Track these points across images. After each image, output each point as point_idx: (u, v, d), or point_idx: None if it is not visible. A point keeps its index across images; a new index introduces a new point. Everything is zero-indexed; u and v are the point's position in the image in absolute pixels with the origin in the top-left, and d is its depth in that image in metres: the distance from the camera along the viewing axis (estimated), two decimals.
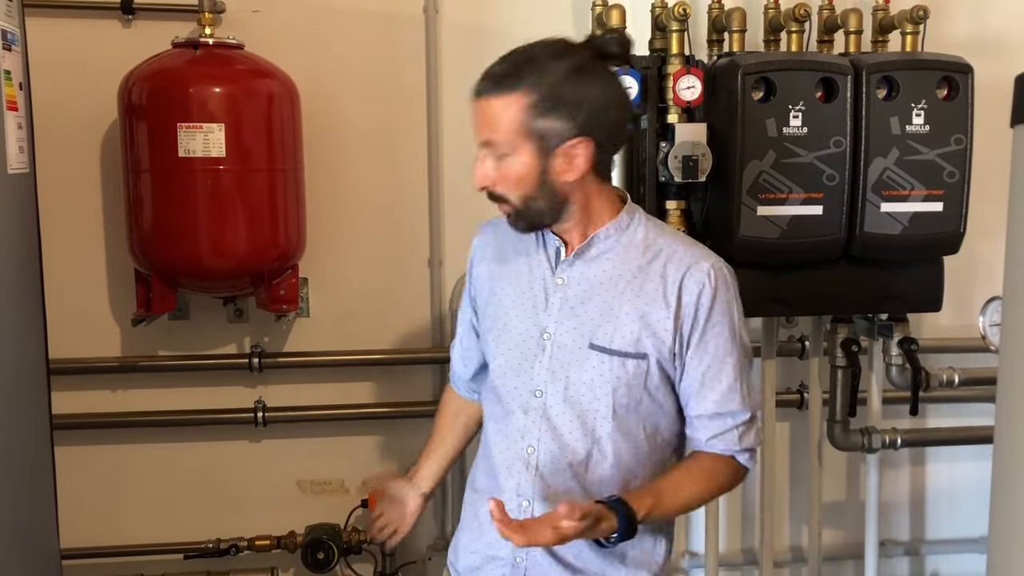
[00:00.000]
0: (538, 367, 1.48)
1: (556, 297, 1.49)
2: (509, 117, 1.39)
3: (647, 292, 1.46)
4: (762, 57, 2.16)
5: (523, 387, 1.50)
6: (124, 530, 2.58)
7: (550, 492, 1.47)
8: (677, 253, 1.48)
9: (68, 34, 2.39)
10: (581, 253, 1.49)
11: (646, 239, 1.49)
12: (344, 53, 2.51)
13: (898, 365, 2.37)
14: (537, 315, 1.50)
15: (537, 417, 1.48)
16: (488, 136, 1.42)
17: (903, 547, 2.87)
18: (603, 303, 1.47)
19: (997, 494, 1.17)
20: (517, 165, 1.42)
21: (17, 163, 1.71)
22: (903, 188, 2.12)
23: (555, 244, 1.51)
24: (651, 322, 1.45)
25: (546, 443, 1.47)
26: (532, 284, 1.52)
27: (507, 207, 1.45)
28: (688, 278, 1.45)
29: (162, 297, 2.33)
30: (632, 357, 1.45)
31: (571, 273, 1.49)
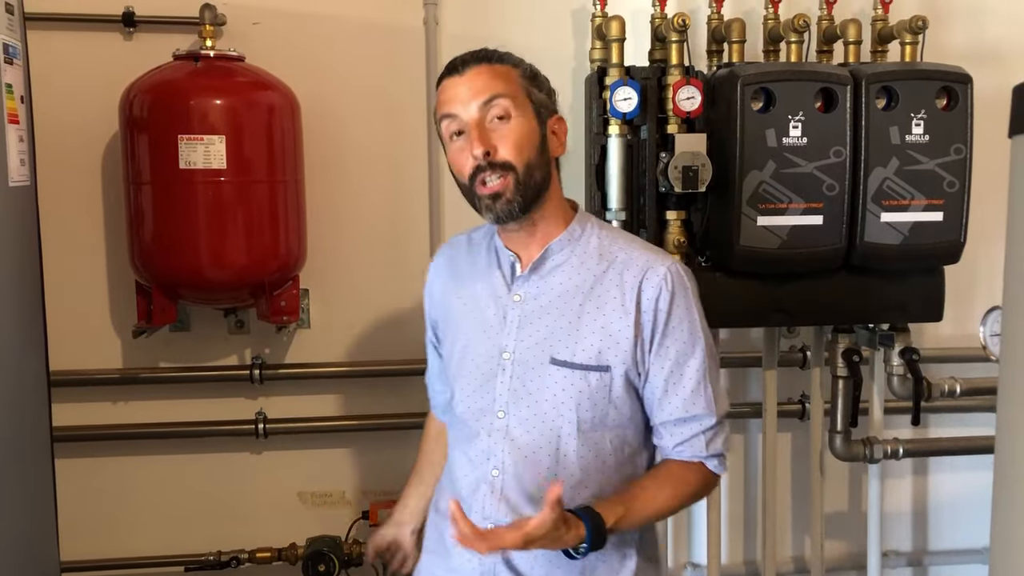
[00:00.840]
0: (499, 387, 1.46)
1: (513, 314, 1.47)
2: (511, 80, 1.44)
3: (606, 302, 1.44)
4: (761, 68, 2.16)
5: (485, 408, 1.47)
6: (125, 542, 2.57)
7: (517, 514, 1.43)
8: (632, 258, 1.46)
9: (70, 47, 2.40)
10: (537, 267, 1.48)
11: (600, 247, 1.49)
12: (345, 65, 2.52)
13: (899, 375, 2.37)
14: (495, 335, 1.48)
15: (500, 438, 1.45)
16: (493, 92, 1.40)
17: (905, 558, 2.86)
18: (562, 317, 1.45)
19: (998, 504, 1.17)
20: (522, 126, 1.41)
21: (18, 176, 1.71)
22: (903, 198, 2.12)
23: (510, 259, 1.50)
24: (612, 332, 1.43)
25: (511, 464, 1.45)
26: (489, 304, 1.51)
27: (506, 181, 1.40)
28: (645, 282, 1.44)
29: (163, 309, 2.33)
30: (594, 370, 1.43)
31: (527, 289, 1.48)
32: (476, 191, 1.42)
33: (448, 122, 1.44)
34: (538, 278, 1.48)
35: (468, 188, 1.43)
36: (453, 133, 1.43)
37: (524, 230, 1.47)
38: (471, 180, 1.41)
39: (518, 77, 1.45)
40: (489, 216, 1.43)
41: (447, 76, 1.45)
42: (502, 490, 1.45)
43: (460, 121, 1.42)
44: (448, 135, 1.45)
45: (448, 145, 1.46)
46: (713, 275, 2.21)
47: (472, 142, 1.40)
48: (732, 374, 2.67)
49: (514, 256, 1.50)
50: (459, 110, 1.41)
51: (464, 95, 1.41)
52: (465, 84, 1.42)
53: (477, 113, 1.40)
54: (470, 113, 1.41)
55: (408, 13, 2.51)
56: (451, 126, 1.43)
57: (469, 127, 1.41)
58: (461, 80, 1.42)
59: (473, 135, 1.40)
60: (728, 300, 2.21)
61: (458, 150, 1.43)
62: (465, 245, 1.61)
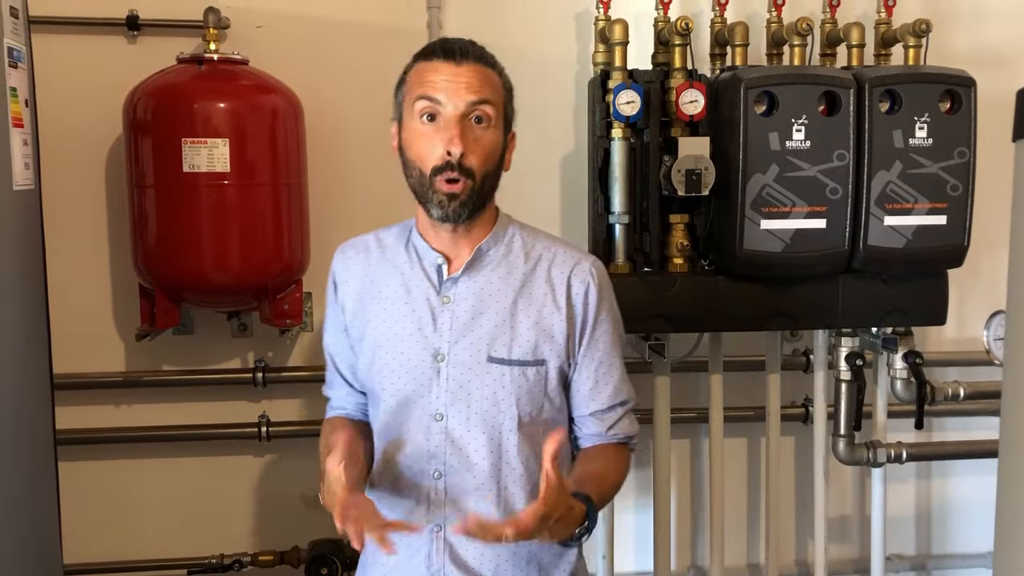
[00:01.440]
0: (436, 390, 1.46)
1: (445, 317, 1.47)
2: (498, 90, 1.46)
3: (537, 299, 1.48)
4: (765, 71, 2.16)
5: (422, 413, 1.47)
6: (127, 545, 2.58)
7: (462, 513, 1.44)
8: (557, 256, 1.52)
9: (74, 50, 2.40)
10: (469, 268, 1.48)
11: (524, 246, 1.52)
12: (348, 68, 2.52)
13: (903, 379, 2.37)
14: (426, 337, 1.47)
15: (441, 440, 1.46)
16: (482, 97, 1.41)
17: (909, 562, 2.85)
18: (496, 315, 1.47)
19: (1002, 508, 1.16)
20: (494, 138, 1.44)
21: (23, 179, 1.72)
22: (906, 201, 2.12)
23: (436, 261, 1.49)
24: (546, 327, 1.47)
25: (453, 465, 1.46)
26: (414, 306, 1.49)
27: (465, 185, 1.41)
28: (574, 278, 1.50)
29: (166, 312, 2.33)
30: (531, 365, 1.46)
31: (457, 290, 1.48)
32: (435, 185, 1.41)
33: (424, 103, 1.41)
34: (467, 279, 1.48)
35: (425, 178, 1.42)
36: (425, 115, 1.41)
37: (458, 231, 1.47)
38: (432, 173, 1.41)
39: (502, 88, 1.46)
40: (437, 212, 1.42)
41: (440, 58, 1.42)
42: (446, 490, 1.47)
43: (440, 108, 1.40)
44: (418, 114, 1.42)
45: (411, 122, 1.43)
46: (716, 279, 2.21)
47: (451, 138, 1.38)
48: (735, 378, 2.67)
49: (441, 257, 1.49)
50: (444, 98, 1.40)
51: (456, 87, 1.40)
52: (462, 76, 1.40)
53: (464, 109, 1.40)
54: (456, 107, 1.39)
55: (411, 17, 2.51)
56: (426, 108, 1.41)
57: (449, 120, 1.39)
58: (458, 71, 1.41)
59: (454, 132, 1.39)
60: (731, 304, 2.21)
61: (425, 135, 1.41)
62: (375, 247, 1.57)
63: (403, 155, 1.47)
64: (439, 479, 1.47)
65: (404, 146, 1.46)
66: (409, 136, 1.45)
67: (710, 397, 2.46)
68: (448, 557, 1.47)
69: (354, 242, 1.60)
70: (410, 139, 1.44)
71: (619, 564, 2.52)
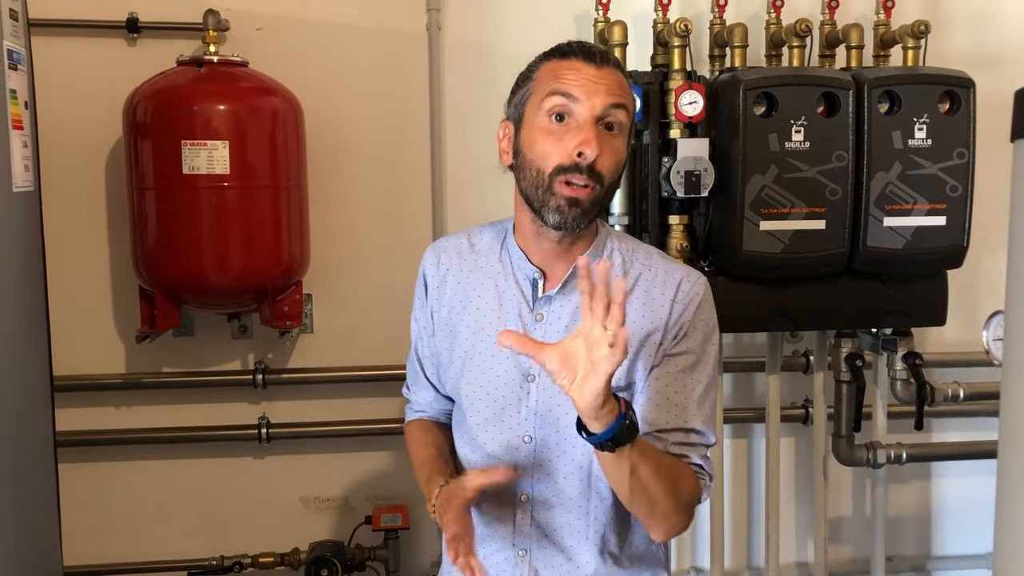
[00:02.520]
0: (524, 411, 1.39)
1: (537, 335, 1.38)
2: (632, 100, 1.37)
3: (633, 320, 1.36)
4: (764, 72, 2.17)
5: (508, 432, 1.41)
6: (128, 547, 2.58)
7: (550, 541, 1.41)
8: (657, 274, 1.42)
9: (74, 53, 2.41)
10: (566, 286, 1.39)
11: (624, 263, 1.43)
12: (348, 70, 2.52)
13: (903, 380, 2.37)
14: (517, 355, 1.37)
15: (529, 464, 1.40)
16: (621, 101, 1.32)
17: (910, 563, 2.85)
18: None
19: (1002, 509, 1.16)
20: (622, 147, 1.35)
21: (22, 181, 1.72)
22: (906, 202, 2.12)
23: (531, 275, 1.41)
24: (640, 351, 1.38)
25: (540, 489, 1.40)
26: (506, 321, 1.41)
27: (590, 191, 1.31)
28: (676, 300, 1.39)
29: (166, 314, 2.33)
30: (623, 389, 1.38)
31: (551, 308, 1.40)
32: (554, 186, 1.31)
33: (559, 99, 1.31)
34: (563, 297, 1.40)
35: (545, 178, 1.31)
36: (556, 113, 1.32)
37: (563, 244, 1.38)
38: (556, 172, 1.31)
39: (632, 99, 1.38)
40: (554, 219, 1.32)
41: (578, 58, 1.33)
42: (533, 515, 1.41)
43: (574, 107, 1.31)
44: (548, 111, 1.32)
45: (536, 119, 1.33)
46: (716, 280, 2.21)
47: (587, 139, 1.28)
48: (735, 379, 2.67)
49: (537, 272, 1.40)
50: (582, 96, 1.30)
51: (598, 87, 1.31)
52: (602, 78, 1.31)
53: (600, 111, 1.31)
54: (593, 107, 1.30)
55: (411, 19, 2.51)
56: (559, 106, 1.31)
57: (584, 122, 1.30)
58: (598, 73, 1.31)
59: (590, 133, 1.29)
60: (731, 305, 2.20)
61: (553, 133, 1.31)
62: (468, 252, 1.49)
63: (519, 155, 1.36)
64: (526, 502, 1.41)
65: (523, 146, 1.35)
66: (531, 134, 1.34)
67: None
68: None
69: (446, 244, 1.51)
70: (532, 137, 1.33)
71: None
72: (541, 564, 1.42)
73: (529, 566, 1.42)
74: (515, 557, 1.43)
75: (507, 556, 1.43)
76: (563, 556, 1.41)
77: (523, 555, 1.42)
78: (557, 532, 1.41)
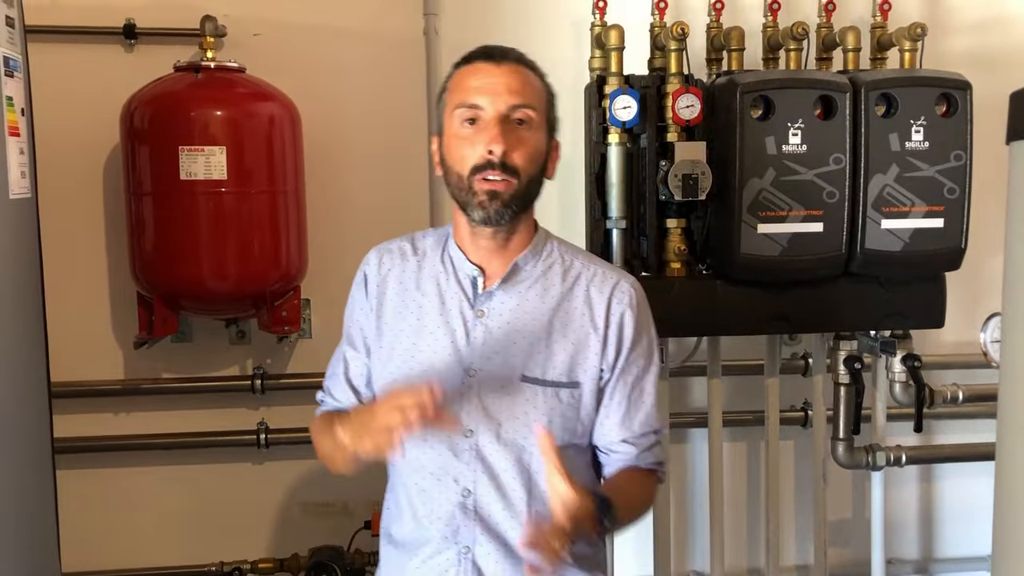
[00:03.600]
0: (466, 406, 1.42)
1: (478, 331, 1.43)
2: (540, 93, 1.43)
3: (574, 319, 1.44)
4: (761, 75, 2.17)
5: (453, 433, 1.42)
6: (126, 553, 2.57)
7: (494, 534, 1.42)
8: (596, 275, 1.48)
9: (71, 59, 2.41)
10: (506, 282, 1.44)
11: (563, 263, 1.48)
12: (345, 75, 2.52)
13: (902, 382, 2.36)
14: (458, 351, 1.43)
15: (471, 458, 1.42)
16: (523, 101, 1.38)
17: (911, 565, 2.85)
18: (531, 333, 1.43)
19: (1000, 510, 1.16)
20: (538, 141, 1.40)
21: (19, 188, 1.72)
22: (903, 205, 2.12)
23: (471, 273, 1.45)
24: (582, 348, 1.44)
25: (483, 485, 1.42)
26: (448, 318, 1.45)
27: (509, 184, 1.37)
28: (614, 300, 1.46)
29: (164, 320, 2.33)
30: (566, 387, 1.43)
31: (492, 304, 1.44)
32: (474, 185, 1.37)
33: (465, 110, 1.38)
34: (503, 293, 1.44)
35: (464, 180, 1.38)
36: (467, 120, 1.38)
37: (497, 241, 1.43)
38: (472, 172, 1.37)
39: (544, 92, 1.44)
40: (478, 214, 1.38)
41: (480, 60, 1.40)
42: (476, 510, 1.43)
43: (481, 112, 1.37)
44: (460, 121, 1.39)
45: (451, 128, 1.40)
46: (714, 283, 2.21)
47: (493, 137, 1.35)
48: (734, 382, 2.67)
49: (476, 270, 1.45)
50: (486, 102, 1.36)
51: (498, 87, 1.37)
52: (502, 77, 1.38)
53: (505, 110, 1.36)
54: (497, 107, 1.36)
55: (408, 23, 2.51)
56: (467, 113, 1.38)
57: (490, 121, 1.36)
58: (498, 71, 1.38)
59: (495, 131, 1.35)
60: (729, 308, 2.21)
61: (465, 138, 1.38)
62: (411, 252, 1.52)
63: (444, 164, 1.43)
64: (468, 497, 1.42)
65: (445, 154, 1.42)
66: (449, 142, 1.41)
67: (709, 401, 2.46)
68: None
69: (390, 247, 1.55)
70: (450, 144, 1.41)
71: (619, 569, 2.51)
72: (483, 561, 1.43)
73: (472, 563, 1.43)
74: (457, 555, 1.43)
75: (449, 556, 1.44)
76: (505, 550, 1.43)
77: (466, 552, 1.43)
78: (499, 527, 1.43)
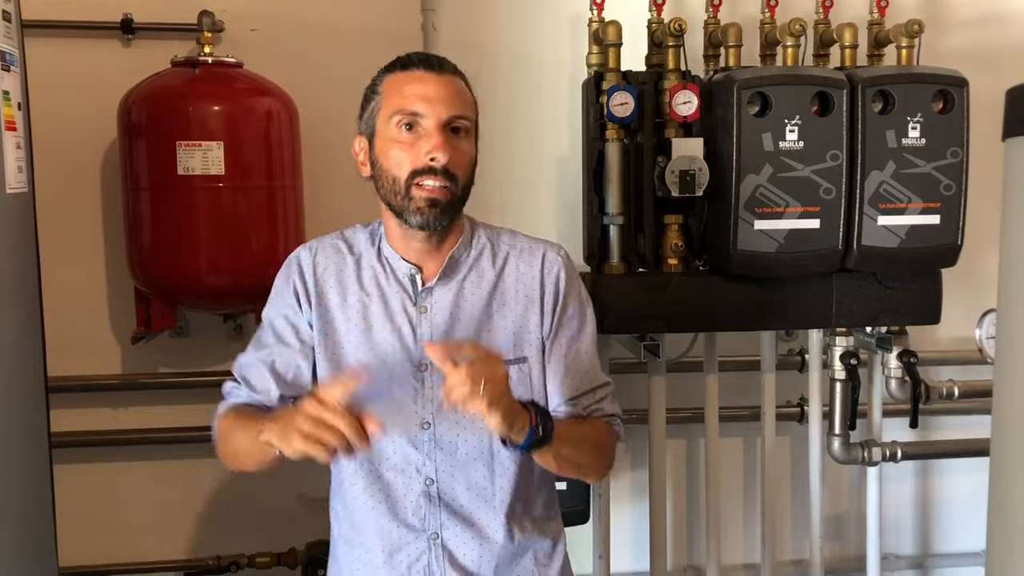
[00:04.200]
0: (420, 400, 1.44)
1: (423, 326, 1.46)
2: (473, 105, 1.45)
3: (509, 296, 1.49)
4: (758, 72, 2.17)
5: (407, 423, 1.45)
6: (124, 547, 2.58)
7: (461, 518, 1.46)
8: (523, 251, 1.52)
9: (68, 54, 2.41)
10: (444, 276, 1.47)
11: (492, 247, 1.52)
12: (343, 70, 2.51)
13: (898, 378, 2.37)
14: (407, 348, 1.45)
15: (431, 448, 1.45)
16: (462, 112, 1.41)
17: (907, 561, 2.86)
18: (473, 319, 1.47)
19: (994, 505, 1.17)
20: (471, 149, 1.44)
21: (16, 183, 1.72)
22: (900, 201, 2.13)
23: (409, 271, 1.47)
24: (522, 323, 1.48)
25: (445, 470, 1.45)
26: (392, 316, 1.47)
27: (447, 191, 1.39)
28: (544, 271, 1.50)
29: (162, 315, 2.33)
30: (513, 363, 1.46)
31: (432, 299, 1.47)
32: (411, 191, 1.38)
33: (403, 116, 1.39)
34: (441, 288, 1.47)
35: (400, 184, 1.39)
36: (404, 124, 1.39)
37: (431, 243, 1.45)
38: (411, 176, 1.38)
39: (475, 104, 1.46)
40: (415, 220, 1.39)
41: (420, 68, 1.41)
42: (440, 497, 1.46)
43: (419, 118, 1.38)
44: (398, 125, 1.39)
45: (386, 131, 1.41)
46: (711, 279, 2.22)
47: (437, 145, 1.36)
48: (731, 378, 2.67)
49: (414, 268, 1.47)
50: (427, 109, 1.38)
51: (440, 95, 1.39)
52: (443, 87, 1.40)
53: (446, 118, 1.39)
54: (439, 115, 1.38)
55: (406, 19, 2.51)
56: (405, 118, 1.39)
57: (432, 128, 1.38)
58: (440, 80, 1.40)
59: (438, 139, 1.37)
60: (726, 304, 2.22)
61: (404, 142, 1.39)
62: (347, 250, 1.53)
63: (375, 166, 1.44)
64: (431, 486, 1.46)
65: (378, 156, 1.43)
66: (384, 144, 1.41)
67: (706, 397, 2.47)
68: (448, 562, 1.47)
69: (322, 244, 1.55)
70: (385, 147, 1.41)
71: (615, 564, 2.52)
72: (453, 544, 1.47)
73: (442, 548, 1.47)
74: (427, 541, 1.46)
75: (419, 546, 1.47)
76: (473, 531, 1.47)
77: (435, 538, 1.47)
78: (465, 508, 1.47)
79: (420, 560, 1.47)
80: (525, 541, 1.51)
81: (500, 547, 1.48)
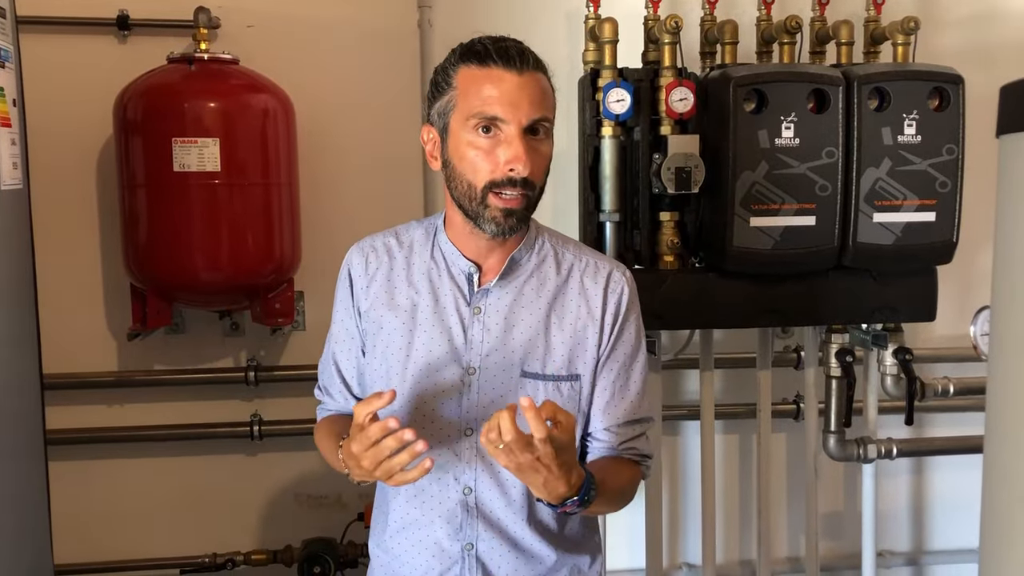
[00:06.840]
0: (466, 404, 1.39)
1: (475, 328, 1.40)
2: (551, 101, 1.36)
3: (571, 311, 1.42)
4: (754, 69, 2.17)
5: (450, 428, 1.40)
6: (120, 545, 2.58)
7: (498, 530, 1.42)
8: (588, 265, 1.46)
9: (64, 50, 2.40)
10: (503, 278, 1.41)
11: (556, 255, 1.46)
12: (339, 67, 2.52)
13: (893, 375, 2.38)
14: (456, 350, 1.40)
15: (472, 456, 1.40)
16: (543, 114, 1.32)
17: (902, 557, 2.87)
18: (529, 328, 1.41)
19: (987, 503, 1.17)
20: (549, 150, 1.36)
21: (11, 179, 1.72)
22: (895, 198, 2.13)
23: (467, 269, 1.41)
24: (580, 340, 1.42)
25: (484, 481, 1.41)
26: (443, 316, 1.41)
27: (523, 199, 1.32)
28: (609, 290, 1.44)
29: (158, 312, 2.33)
30: (566, 380, 1.41)
31: (489, 301, 1.41)
32: (488, 200, 1.32)
33: (480, 120, 1.30)
34: (499, 289, 1.41)
35: (476, 192, 1.32)
36: (482, 127, 1.31)
37: (496, 240, 1.39)
38: (488, 187, 1.31)
39: (553, 98, 1.37)
40: (491, 228, 1.33)
41: (500, 66, 1.30)
42: (477, 507, 1.42)
43: (501, 123, 1.30)
44: (475, 128, 1.31)
45: (462, 132, 1.32)
46: (706, 276, 2.22)
47: (517, 155, 1.29)
48: (726, 375, 2.68)
49: (473, 266, 1.41)
50: (506, 114, 1.29)
51: (521, 100, 1.30)
52: (525, 89, 1.30)
53: (527, 124, 1.30)
54: (519, 121, 1.29)
55: (402, 16, 2.51)
56: (483, 122, 1.30)
57: (513, 136, 1.30)
58: (521, 81, 1.30)
59: (519, 148, 1.29)
60: (722, 301, 2.22)
61: (481, 148, 1.31)
62: (397, 248, 1.47)
63: (448, 165, 1.36)
64: (469, 495, 1.41)
65: (451, 156, 1.35)
66: (459, 146, 1.33)
67: (701, 394, 2.47)
68: (481, 575, 1.43)
69: (374, 243, 1.49)
70: (460, 150, 1.33)
71: (612, 561, 2.52)
72: (487, 556, 1.42)
73: (476, 559, 1.43)
74: (461, 551, 1.43)
75: (451, 555, 1.43)
76: (508, 544, 1.43)
77: (469, 548, 1.43)
78: (501, 521, 1.42)
79: (452, 570, 1.43)
80: (562, 557, 1.46)
81: (536, 562, 1.44)
